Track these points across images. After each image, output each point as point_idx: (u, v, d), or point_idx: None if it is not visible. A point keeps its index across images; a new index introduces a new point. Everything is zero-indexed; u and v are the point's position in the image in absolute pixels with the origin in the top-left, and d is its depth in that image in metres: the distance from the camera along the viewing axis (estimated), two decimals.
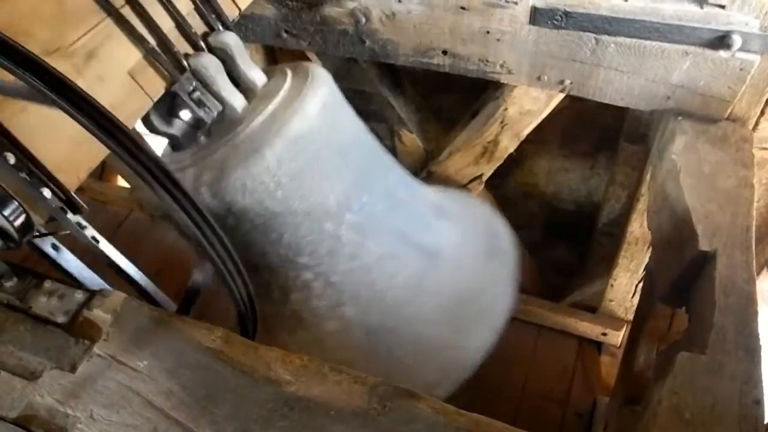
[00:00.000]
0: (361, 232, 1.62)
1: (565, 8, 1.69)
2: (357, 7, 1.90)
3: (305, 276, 1.59)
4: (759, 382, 1.21)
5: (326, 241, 1.58)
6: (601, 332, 3.02)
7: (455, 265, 1.79)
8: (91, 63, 1.23)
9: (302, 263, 1.58)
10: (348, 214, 1.59)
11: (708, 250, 1.45)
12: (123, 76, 1.29)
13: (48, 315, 1.21)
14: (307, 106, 1.48)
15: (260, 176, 1.42)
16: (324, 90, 1.55)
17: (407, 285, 1.70)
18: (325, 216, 1.55)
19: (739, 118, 1.77)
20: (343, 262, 1.62)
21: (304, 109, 1.47)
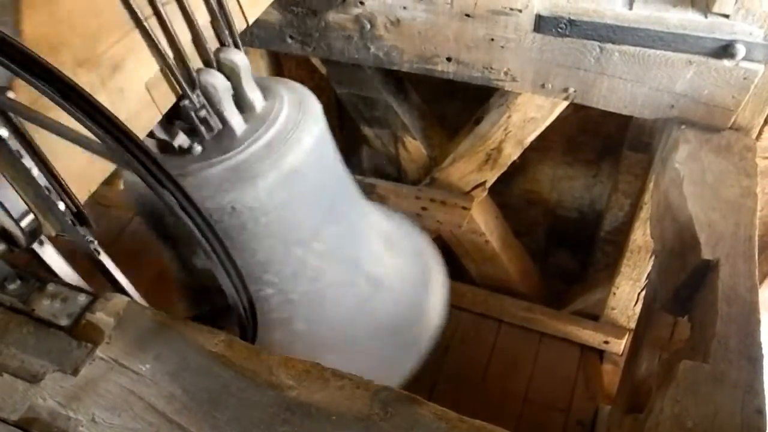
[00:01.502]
0: (324, 259, 1.73)
1: (570, 16, 1.69)
2: (362, 14, 1.91)
3: (266, 291, 1.67)
4: (761, 391, 1.21)
5: (293, 264, 1.68)
6: (603, 340, 3.01)
7: (393, 295, 1.96)
8: (116, 75, 1.24)
9: (266, 279, 1.65)
10: (316, 242, 1.69)
11: (711, 259, 1.45)
12: (141, 89, 1.30)
13: (51, 318, 1.21)
14: (303, 141, 1.54)
15: (250, 202, 1.47)
16: (318, 126, 1.61)
17: (352, 308, 1.86)
18: (297, 242, 1.65)
19: (742, 127, 1.77)
20: (304, 284, 1.73)
21: (300, 145, 1.53)
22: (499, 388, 3.02)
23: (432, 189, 2.73)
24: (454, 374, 3.08)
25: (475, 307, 3.26)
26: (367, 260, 1.91)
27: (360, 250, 1.90)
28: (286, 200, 1.54)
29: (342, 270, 1.81)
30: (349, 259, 1.85)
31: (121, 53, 1.24)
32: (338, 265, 1.79)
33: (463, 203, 2.68)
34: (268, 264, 1.64)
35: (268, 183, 1.48)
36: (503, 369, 3.11)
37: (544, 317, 3.13)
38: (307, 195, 1.61)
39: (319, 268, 1.72)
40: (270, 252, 1.62)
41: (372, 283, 1.90)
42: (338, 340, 1.83)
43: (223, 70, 1.47)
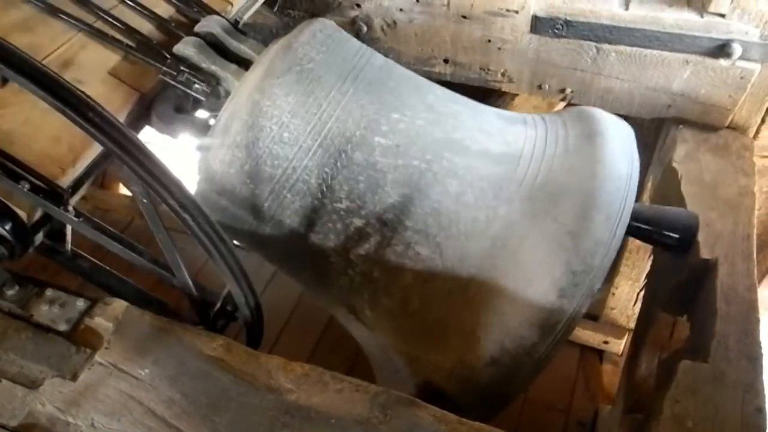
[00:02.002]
0: (401, 154, 1.39)
1: (566, 17, 1.69)
2: (359, 16, 1.91)
3: (355, 223, 1.39)
4: (761, 390, 1.21)
5: (361, 175, 1.37)
6: (602, 340, 3.01)
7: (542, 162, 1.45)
8: (68, 69, 1.34)
9: (345, 209, 1.38)
10: (377, 137, 1.38)
11: (709, 259, 1.45)
12: (104, 76, 1.39)
13: (49, 323, 1.21)
14: (292, 42, 1.41)
15: (258, 122, 1.33)
16: (312, 26, 1.47)
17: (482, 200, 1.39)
18: (350, 146, 1.37)
19: (739, 127, 1.77)
20: (390, 194, 1.38)
21: (289, 45, 1.41)
22: None
23: None
24: None
25: None
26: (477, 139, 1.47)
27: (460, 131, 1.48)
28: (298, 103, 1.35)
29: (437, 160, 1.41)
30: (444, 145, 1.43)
31: (68, 54, 1.37)
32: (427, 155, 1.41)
33: None
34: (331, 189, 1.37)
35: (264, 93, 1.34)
36: None
37: None
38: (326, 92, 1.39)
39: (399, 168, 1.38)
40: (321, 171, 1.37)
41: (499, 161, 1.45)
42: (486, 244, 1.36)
43: (206, 39, 1.50)
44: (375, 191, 1.38)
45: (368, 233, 1.39)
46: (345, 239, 1.41)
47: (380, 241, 1.39)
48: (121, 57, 1.43)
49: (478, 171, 1.42)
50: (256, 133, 1.34)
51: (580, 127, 1.51)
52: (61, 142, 1.23)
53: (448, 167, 1.41)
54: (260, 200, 1.39)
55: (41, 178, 1.17)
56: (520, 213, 1.37)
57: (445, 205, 1.38)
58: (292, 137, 1.35)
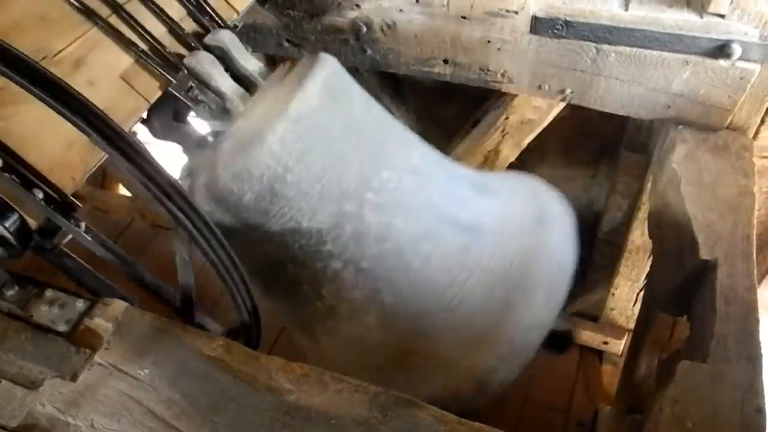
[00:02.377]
0: (387, 211, 1.50)
1: (566, 18, 1.69)
2: (358, 17, 1.91)
3: (333, 265, 1.51)
4: (761, 390, 1.21)
5: (348, 225, 1.48)
6: (602, 341, 3.01)
7: (500, 239, 1.64)
8: (80, 69, 1.27)
9: (327, 251, 1.49)
10: (369, 193, 1.49)
11: (709, 259, 1.45)
12: (114, 80, 1.32)
13: (49, 324, 1.21)
14: (308, 86, 1.44)
15: (264, 161, 1.37)
16: (325, 71, 1.49)
17: (447, 264, 1.57)
18: (343, 197, 1.47)
19: (739, 127, 1.77)
20: (371, 246, 1.51)
21: (305, 89, 1.43)
22: None
23: None
24: None
25: None
26: (451, 207, 1.63)
27: (437, 197, 1.63)
28: (306, 149, 1.41)
29: (416, 221, 1.56)
30: (423, 208, 1.58)
31: (82, 51, 1.28)
32: (408, 216, 1.55)
33: None
34: (319, 232, 1.47)
35: (277, 134, 1.37)
36: None
37: None
38: (333, 143, 1.46)
39: (384, 223, 1.51)
40: (315, 216, 1.45)
41: (466, 231, 1.61)
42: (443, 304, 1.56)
43: (214, 52, 1.47)
44: (358, 241, 1.49)
45: (344, 276, 1.52)
46: (321, 276, 1.53)
47: (353, 284, 1.52)
48: (133, 60, 1.37)
49: (447, 237, 1.59)
50: (262, 170, 1.37)
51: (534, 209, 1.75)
52: (73, 149, 1.20)
53: (424, 230, 1.56)
54: (250, 228, 1.45)
55: (54, 189, 1.14)
56: (476, 282, 1.57)
57: (415, 264, 1.54)
58: (294, 180, 1.40)
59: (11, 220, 1.12)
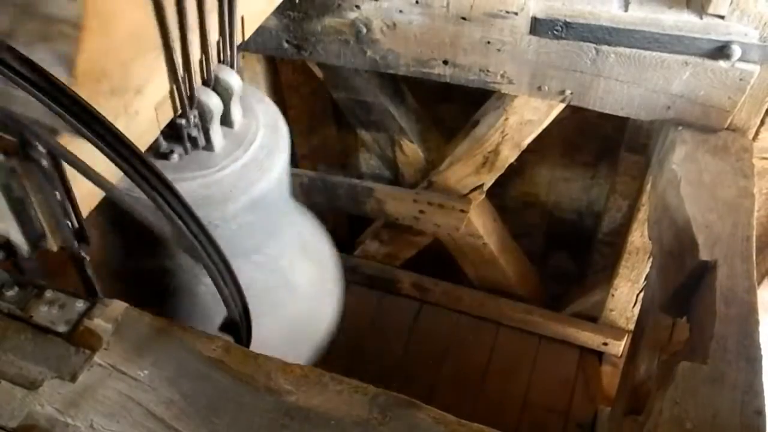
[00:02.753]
0: (259, 269, 1.77)
1: (566, 19, 1.69)
2: (358, 18, 1.91)
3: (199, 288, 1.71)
4: (760, 391, 1.21)
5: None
6: (602, 342, 3.01)
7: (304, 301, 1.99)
8: (136, 98, 1.21)
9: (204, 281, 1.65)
10: (256, 255, 1.75)
11: (708, 260, 1.45)
12: (150, 111, 1.27)
13: (49, 324, 1.21)
14: (273, 169, 1.60)
15: (215, 220, 1.49)
16: (285, 151, 1.66)
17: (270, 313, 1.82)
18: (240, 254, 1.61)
19: (739, 128, 1.78)
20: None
21: (270, 173, 1.58)
22: (498, 391, 3.01)
23: (429, 192, 2.73)
24: (453, 377, 3.08)
25: (473, 310, 3.26)
26: (289, 269, 1.96)
27: (286, 259, 1.93)
28: (246, 221, 1.58)
29: (270, 278, 1.85)
30: (277, 269, 1.89)
31: (145, 76, 1.21)
32: (268, 274, 1.83)
33: (460, 206, 2.68)
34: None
35: (237, 207, 1.53)
36: (502, 372, 3.10)
37: (542, 319, 3.13)
38: (263, 216, 1.66)
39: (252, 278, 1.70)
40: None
41: (290, 289, 1.95)
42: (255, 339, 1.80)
43: (219, 90, 1.46)
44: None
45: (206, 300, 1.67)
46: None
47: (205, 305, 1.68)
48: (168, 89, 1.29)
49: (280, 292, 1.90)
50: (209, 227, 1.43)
51: None
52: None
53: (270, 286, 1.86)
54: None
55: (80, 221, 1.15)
56: None
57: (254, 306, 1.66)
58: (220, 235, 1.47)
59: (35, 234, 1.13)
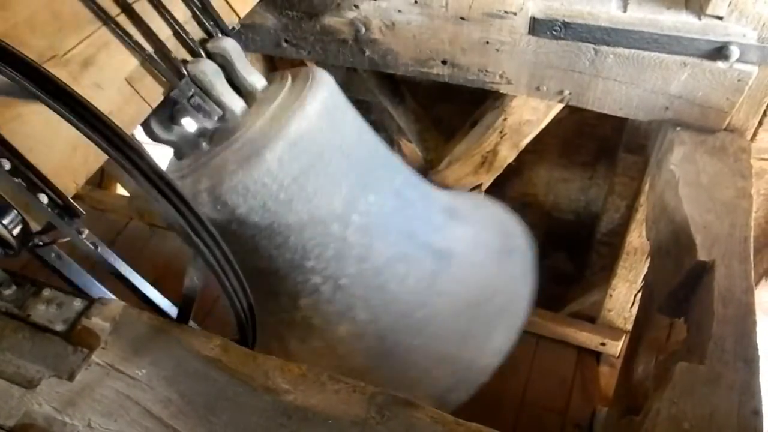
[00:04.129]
0: (369, 233, 1.58)
1: (564, 19, 1.69)
2: (357, 17, 1.91)
3: (314, 280, 1.57)
4: (757, 392, 1.21)
5: (333, 244, 1.55)
6: (600, 342, 3.01)
7: (468, 266, 1.73)
8: (88, 70, 1.25)
9: (309, 267, 1.56)
10: (354, 215, 1.56)
11: (706, 261, 1.45)
12: (120, 83, 1.31)
13: (46, 323, 1.21)
14: (307, 107, 1.48)
15: (261, 178, 1.42)
16: (324, 91, 1.54)
17: (419, 287, 1.66)
18: (331, 218, 1.53)
19: (737, 129, 1.78)
20: (352, 265, 1.59)
21: (304, 110, 1.47)
22: (495, 391, 3.00)
23: None
24: None
25: None
26: (426, 232, 1.72)
27: (414, 221, 1.71)
28: (302, 170, 1.46)
29: (395, 244, 1.64)
30: (402, 232, 1.67)
31: (91, 50, 1.26)
32: (388, 239, 1.63)
33: None
34: (304, 248, 1.54)
35: (275, 154, 1.42)
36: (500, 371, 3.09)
37: (540, 320, 3.13)
38: (327, 164, 1.52)
39: (365, 245, 1.59)
40: (302, 233, 1.52)
41: (438, 256, 1.70)
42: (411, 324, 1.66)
43: (215, 59, 1.47)
44: (339, 260, 1.57)
45: (322, 291, 1.58)
46: (300, 289, 1.60)
47: (329, 299, 1.59)
48: (138, 63, 1.36)
49: (420, 262, 1.68)
50: (258, 187, 1.42)
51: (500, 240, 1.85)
52: (77, 153, 1.19)
53: (401, 253, 1.65)
54: (237, 238, 1.48)
55: (59, 194, 1.13)
56: (443, 307, 1.67)
57: (391, 284, 1.64)
58: (286, 199, 1.46)
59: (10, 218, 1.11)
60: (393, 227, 1.64)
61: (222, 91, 1.47)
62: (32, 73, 1.01)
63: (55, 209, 1.13)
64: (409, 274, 1.65)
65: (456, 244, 1.75)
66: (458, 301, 1.68)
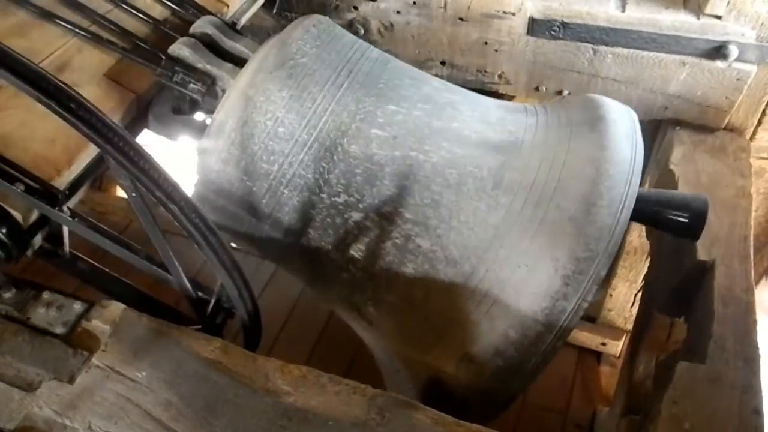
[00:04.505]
0: (399, 146, 1.39)
1: (563, 19, 1.69)
2: (356, 19, 1.91)
3: (354, 217, 1.38)
4: (758, 391, 1.21)
5: (358, 167, 1.37)
6: (600, 342, 3.01)
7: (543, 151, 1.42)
8: (64, 73, 1.35)
9: (343, 203, 1.38)
10: (374, 129, 1.39)
11: (706, 260, 1.45)
12: (99, 79, 1.40)
13: (46, 326, 1.21)
14: (287, 38, 1.43)
15: (254, 119, 1.35)
16: (307, 22, 1.49)
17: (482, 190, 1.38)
18: (345, 139, 1.38)
19: (736, 128, 1.78)
20: (390, 187, 1.37)
21: (283, 41, 1.43)
22: None
23: None
24: None
25: None
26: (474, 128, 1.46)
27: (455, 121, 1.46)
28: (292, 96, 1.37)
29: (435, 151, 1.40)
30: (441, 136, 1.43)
31: (64, 57, 1.38)
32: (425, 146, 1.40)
33: None
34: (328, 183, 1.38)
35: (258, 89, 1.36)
36: None
37: None
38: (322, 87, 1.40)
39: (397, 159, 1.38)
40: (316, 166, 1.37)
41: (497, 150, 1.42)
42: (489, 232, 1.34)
43: (202, 39, 1.50)
44: (373, 184, 1.37)
45: (367, 227, 1.38)
46: (344, 234, 1.40)
47: (380, 235, 1.38)
48: (116, 60, 1.44)
49: (478, 160, 1.40)
50: (250, 129, 1.35)
51: (582, 113, 1.47)
52: (56, 144, 1.24)
53: (447, 157, 1.39)
54: (257, 197, 1.38)
55: (36, 180, 1.19)
56: (522, 201, 1.34)
57: (445, 196, 1.37)
58: (287, 132, 1.35)
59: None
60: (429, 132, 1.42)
61: (207, 60, 1.47)
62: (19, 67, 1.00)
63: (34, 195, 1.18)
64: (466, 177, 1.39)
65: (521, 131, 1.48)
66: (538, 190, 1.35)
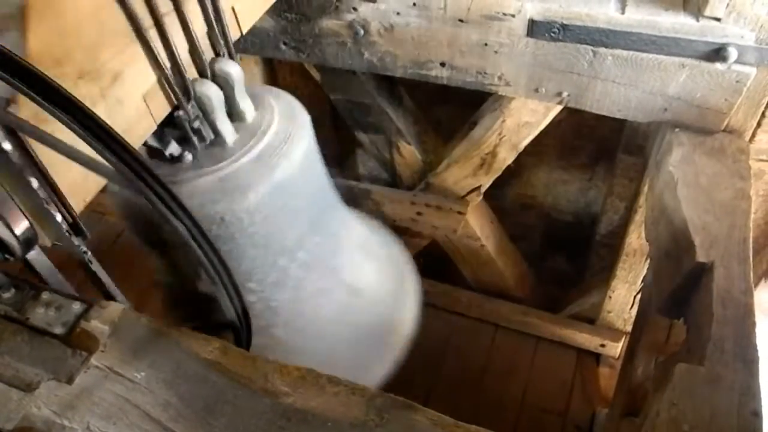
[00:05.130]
0: (306, 268, 1.75)
1: (563, 21, 1.70)
2: (355, 20, 1.91)
3: (248, 298, 1.66)
4: (757, 393, 1.21)
5: (275, 273, 1.70)
6: (599, 344, 3.01)
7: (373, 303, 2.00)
8: (115, 86, 1.23)
9: (249, 287, 1.66)
10: (300, 252, 1.71)
11: (705, 262, 1.45)
12: (138, 100, 1.29)
13: (45, 326, 1.21)
14: (293, 154, 1.56)
15: (239, 213, 1.48)
16: (307, 138, 1.63)
17: (330, 317, 1.88)
18: (281, 252, 1.67)
19: (735, 130, 1.78)
20: (285, 293, 1.75)
21: (290, 157, 1.55)
22: (495, 393, 3.01)
23: (427, 194, 2.73)
24: (451, 379, 3.08)
25: (471, 311, 3.26)
26: (347, 269, 1.94)
27: (340, 259, 1.92)
28: (274, 212, 1.55)
29: (323, 279, 1.84)
30: (330, 269, 1.88)
31: (121, 64, 1.23)
32: (319, 274, 1.82)
33: (458, 208, 2.68)
34: (251, 273, 1.65)
35: (258, 195, 1.49)
36: (500, 373, 3.10)
37: (540, 321, 3.13)
38: (295, 206, 1.64)
39: (301, 278, 1.74)
40: (254, 261, 1.64)
41: (351, 291, 1.94)
42: (316, 347, 1.86)
43: (218, 80, 1.46)
44: (276, 287, 1.73)
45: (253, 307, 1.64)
46: None
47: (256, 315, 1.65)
48: (155, 79, 1.32)
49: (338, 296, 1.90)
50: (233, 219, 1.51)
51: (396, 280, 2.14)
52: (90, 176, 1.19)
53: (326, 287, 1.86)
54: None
55: (71, 213, 1.16)
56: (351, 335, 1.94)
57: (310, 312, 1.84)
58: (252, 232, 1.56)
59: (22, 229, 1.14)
60: (326, 265, 1.86)
61: (220, 118, 1.49)
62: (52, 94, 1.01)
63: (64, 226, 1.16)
64: (326, 305, 1.88)
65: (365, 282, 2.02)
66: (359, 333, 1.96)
